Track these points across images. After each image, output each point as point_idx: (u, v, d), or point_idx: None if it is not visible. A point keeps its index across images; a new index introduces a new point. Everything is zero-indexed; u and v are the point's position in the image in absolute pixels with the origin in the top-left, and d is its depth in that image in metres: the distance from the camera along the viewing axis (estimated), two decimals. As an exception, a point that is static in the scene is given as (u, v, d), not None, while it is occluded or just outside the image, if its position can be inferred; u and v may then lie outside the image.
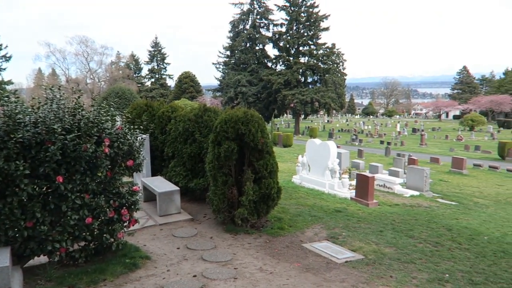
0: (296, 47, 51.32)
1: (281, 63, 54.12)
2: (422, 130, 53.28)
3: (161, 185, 8.43)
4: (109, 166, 5.20)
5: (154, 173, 10.31)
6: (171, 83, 74.50)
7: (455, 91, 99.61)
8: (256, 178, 6.95)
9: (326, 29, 51.00)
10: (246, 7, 56.00)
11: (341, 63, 64.42)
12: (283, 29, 52.87)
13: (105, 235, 5.28)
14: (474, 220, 9.18)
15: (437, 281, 5.10)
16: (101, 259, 5.40)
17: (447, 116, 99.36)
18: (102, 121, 5.15)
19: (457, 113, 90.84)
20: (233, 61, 57.87)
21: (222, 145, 6.83)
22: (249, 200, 6.80)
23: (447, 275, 5.29)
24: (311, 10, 50.10)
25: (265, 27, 56.47)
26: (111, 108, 5.50)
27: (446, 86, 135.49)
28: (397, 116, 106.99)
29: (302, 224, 7.58)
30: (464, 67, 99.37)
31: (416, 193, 12.50)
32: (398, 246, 6.41)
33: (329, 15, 50.57)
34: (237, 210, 6.94)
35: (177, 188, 8.25)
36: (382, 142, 39.07)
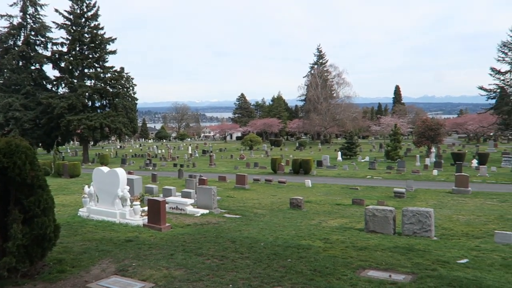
0: (80, 69, 47.80)
1: (63, 85, 49.28)
2: (211, 151, 57.71)
3: None
4: None
5: None
6: None
7: (236, 115, 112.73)
8: (26, 218, 5.95)
9: (113, 52, 49.56)
10: (16, 21, 48.80)
11: (131, 88, 63.42)
12: (65, 49, 48.41)
13: None
14: (253, 229, 10.38)
15: (222, 293, 5.47)
16: None
17: (231, 137, 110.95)
18: None
19: (239, 134, 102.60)
20: (1, 81, 49.11)
21: (-23, 183, 5.61)
22: (18, 245, 5.75)
23: (230, 285, 5.74)
24: (95, 31, 47.80)
25: (42, 45, 50.36)
26: None
27: (229, 110, 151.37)
28: (189, 139, 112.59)
29: (87, 262, 6.91)
30: (242, 94, 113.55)
31: (206, 211, 13.27)
32: (187, 267, 6.59)
33: (115, 38, 49.41)
34: (2, 260, 5.77)
35: None
36: (175, 165, 40.18)
